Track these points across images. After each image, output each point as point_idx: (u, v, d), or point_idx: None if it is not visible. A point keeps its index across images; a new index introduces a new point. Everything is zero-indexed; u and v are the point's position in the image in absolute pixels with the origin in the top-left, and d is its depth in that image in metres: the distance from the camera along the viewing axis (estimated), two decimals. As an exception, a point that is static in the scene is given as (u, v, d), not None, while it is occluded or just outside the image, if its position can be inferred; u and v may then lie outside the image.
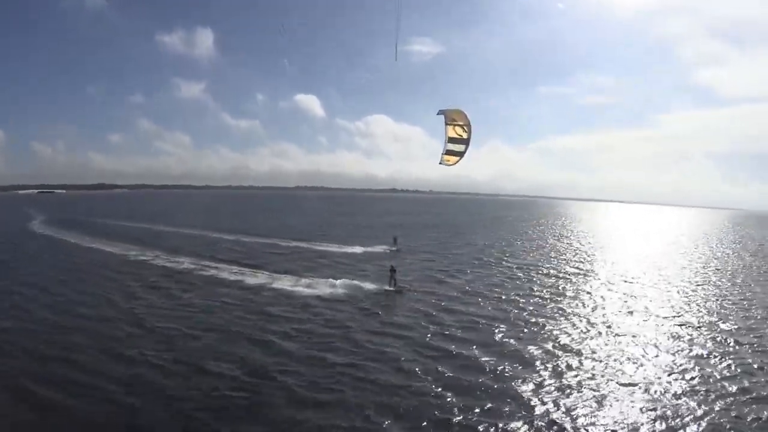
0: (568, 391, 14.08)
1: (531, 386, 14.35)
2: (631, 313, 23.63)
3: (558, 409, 12.92)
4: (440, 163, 16.52)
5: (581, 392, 13.96)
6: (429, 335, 19.06)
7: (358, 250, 44.05)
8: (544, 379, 14.92)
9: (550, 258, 44.13)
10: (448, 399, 13.42)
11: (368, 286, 26.80)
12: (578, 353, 17.36)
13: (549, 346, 18.12)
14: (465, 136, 15.79)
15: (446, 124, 15.77)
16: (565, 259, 43.42)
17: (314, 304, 23.49)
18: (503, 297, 26.22)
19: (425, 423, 12.10)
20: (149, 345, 17.54)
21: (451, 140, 15.79)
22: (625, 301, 26.11)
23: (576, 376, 15.23)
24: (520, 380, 14.73)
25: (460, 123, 15.75)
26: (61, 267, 34.62)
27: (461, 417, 12.41)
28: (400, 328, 19.99)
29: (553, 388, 14.25)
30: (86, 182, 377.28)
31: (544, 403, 13.20)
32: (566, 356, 17.02)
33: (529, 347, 17.78)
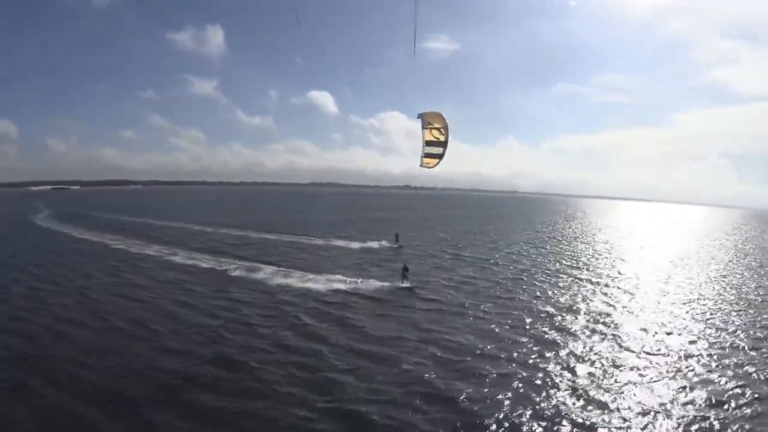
0: (612, 390, 13.82)
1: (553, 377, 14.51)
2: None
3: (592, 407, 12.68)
4: (421, 166, 16.81)
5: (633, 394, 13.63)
6: (446, 330, 19.24)
7: (359, 245, 43.43)
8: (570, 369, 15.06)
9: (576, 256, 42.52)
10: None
11: (382, 283, 26.70)
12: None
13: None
14: (442, 138, 16.11)
15: (423, 128, 16.09)
16: (592, 260, 41.73)
17: (335, 302, 23.39)
18: (522, 298, 25.59)
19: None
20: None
21: (428, 143, 16.11)
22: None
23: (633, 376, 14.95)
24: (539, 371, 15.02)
25: (437, 126, 16.05)
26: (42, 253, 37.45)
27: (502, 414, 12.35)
28: (419, 327, 19.87)
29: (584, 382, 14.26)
30: (101, 178, 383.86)
31: (574, 401, 13.08)
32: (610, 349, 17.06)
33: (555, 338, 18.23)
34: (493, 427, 11.69)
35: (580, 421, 11.91)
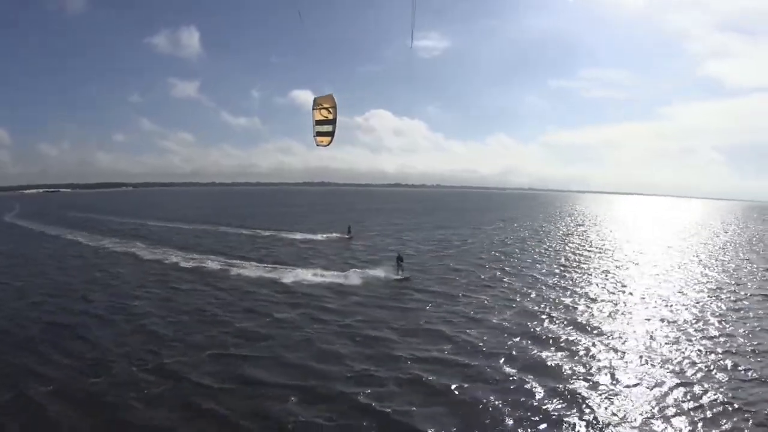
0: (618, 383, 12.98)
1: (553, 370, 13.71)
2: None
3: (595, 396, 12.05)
4: (317, 146, 16.83)
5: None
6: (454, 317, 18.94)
7: (318, 237, 44.05)
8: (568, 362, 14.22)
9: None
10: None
11: (379, 274, 26.14)
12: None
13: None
14: (330, 117, 16.24)
15: (313, 109, 16.22)
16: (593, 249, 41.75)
17: (333, 295, 22.69)
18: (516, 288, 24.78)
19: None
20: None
21: (318, 122, 16.21)
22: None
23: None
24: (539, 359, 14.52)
25: (326, 106, 16.13)
26: None
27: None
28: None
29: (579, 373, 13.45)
30: (95, 181, 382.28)
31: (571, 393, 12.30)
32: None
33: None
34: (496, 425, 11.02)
35: (578, 416, 11.16)
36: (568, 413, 11.15)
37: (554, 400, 11.72)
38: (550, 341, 15.94)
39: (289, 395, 11.90)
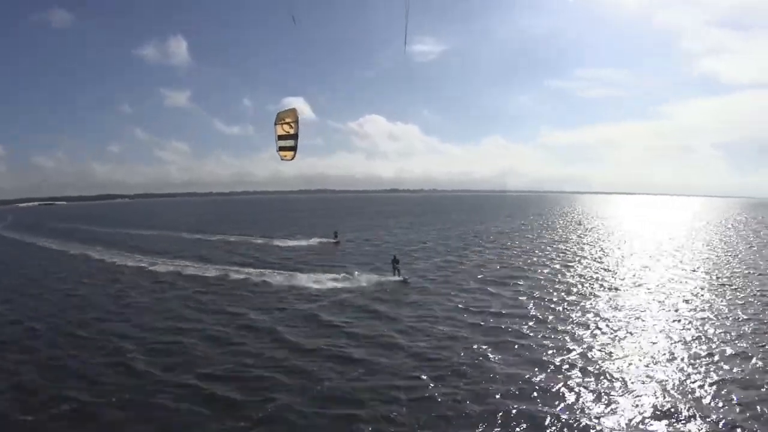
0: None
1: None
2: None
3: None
4: (282, 160, 16.56)
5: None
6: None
7: (303, 243, 43.56)
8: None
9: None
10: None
11: (377, 277, 25.60)
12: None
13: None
14: (292, 131, 16.19)
15: (275, 124, 16.22)
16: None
17: (337, 298, 22.02)
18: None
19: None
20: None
21: (280, 137, 16.18)
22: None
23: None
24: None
25: (288, 120, 16.08)
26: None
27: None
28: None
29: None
30: (90, 193, 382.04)
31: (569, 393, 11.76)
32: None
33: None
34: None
35: (575, 415, 10.63)
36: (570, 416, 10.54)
37: (570, 402, 11.24)
38: (572, 354, 14.53)
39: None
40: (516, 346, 14.96)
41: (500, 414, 10.65)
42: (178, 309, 20.42)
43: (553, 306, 19.77)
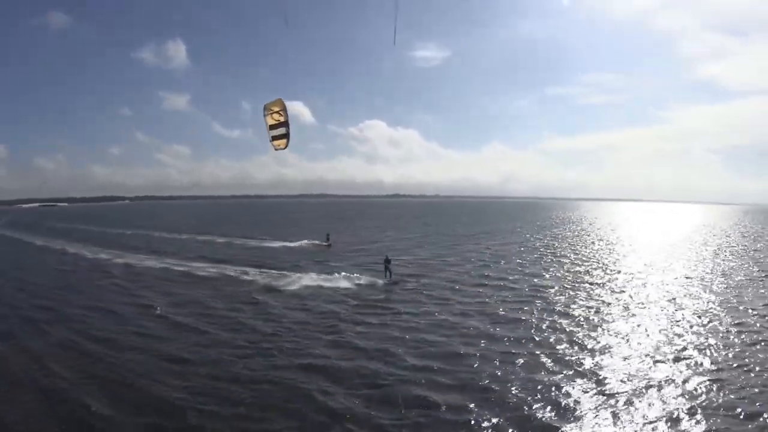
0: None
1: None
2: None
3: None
4: (276, 150, 16.88)
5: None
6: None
7: (295, 244, 43.43)
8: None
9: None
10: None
11: (370, 279, 25.41)
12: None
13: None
14: (282, 119, 16.33)
15: (264, 115, 16.39)
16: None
17: (326, 298, 21.80)
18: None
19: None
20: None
21: (272, 127, 16.32)
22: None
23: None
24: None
25: (276, 109, 16.19)
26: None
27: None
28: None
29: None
30: (93, 195, 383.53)
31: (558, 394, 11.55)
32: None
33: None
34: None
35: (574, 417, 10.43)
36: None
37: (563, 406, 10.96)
38: (568, 350, 14.51)
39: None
40: (521, 354, 14.40)
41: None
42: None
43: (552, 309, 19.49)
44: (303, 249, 40.81)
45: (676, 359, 13.60)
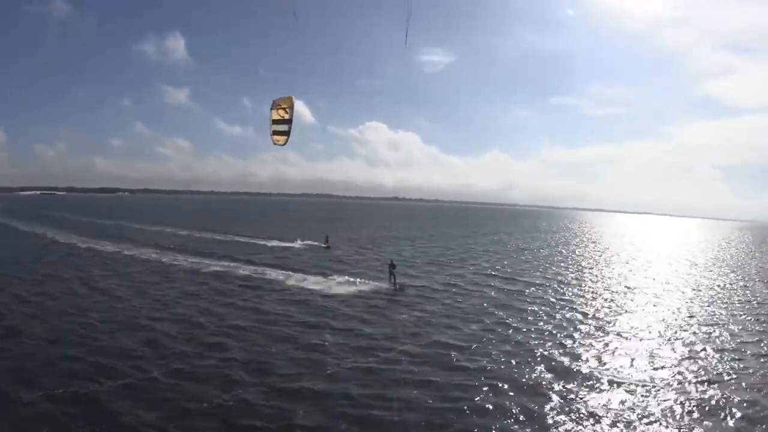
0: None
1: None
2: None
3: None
4: (274, 144, 16.51)
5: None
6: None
7: (296, 245, 43.01)
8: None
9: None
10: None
11: (373, 284, 24.88)
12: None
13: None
14: (287, 117, 16.31)
15: (271, 109, 16.19)
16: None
17: (329, 303, 21.32)
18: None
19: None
20: None
21: (275, 122, 16.24)
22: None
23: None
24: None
25: (284, 106, 16.12)
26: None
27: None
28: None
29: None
30: (93, 185, 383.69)
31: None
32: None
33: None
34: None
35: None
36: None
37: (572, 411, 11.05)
38: (568, 362, 14.43)
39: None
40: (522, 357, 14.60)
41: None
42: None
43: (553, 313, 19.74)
44: (301, 250, 40.30)
45: (661, 366, 13.85)
